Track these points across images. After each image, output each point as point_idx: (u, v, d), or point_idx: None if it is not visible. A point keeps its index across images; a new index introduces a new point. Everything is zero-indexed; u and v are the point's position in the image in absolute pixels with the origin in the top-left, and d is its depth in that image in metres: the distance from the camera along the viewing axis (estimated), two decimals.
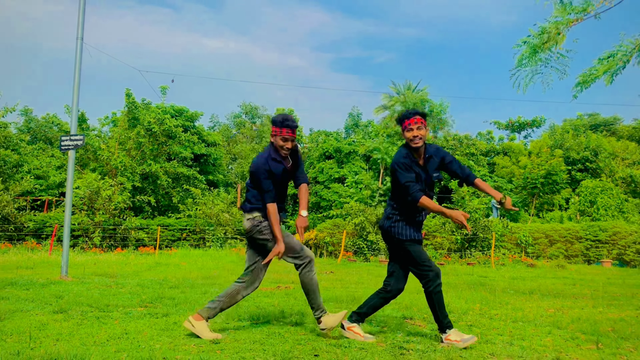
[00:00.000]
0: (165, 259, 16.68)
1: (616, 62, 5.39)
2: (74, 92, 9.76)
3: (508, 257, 19.45)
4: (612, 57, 5.34)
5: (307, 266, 4.52)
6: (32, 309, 5.53)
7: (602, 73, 5.42)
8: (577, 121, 45.84)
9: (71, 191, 9.69)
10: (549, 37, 5.43)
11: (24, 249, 18.29)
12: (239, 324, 5.04)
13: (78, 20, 9.87)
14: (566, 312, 6.33)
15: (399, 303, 6.75)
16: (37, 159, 30.78)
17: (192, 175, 29.76)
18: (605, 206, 26.53)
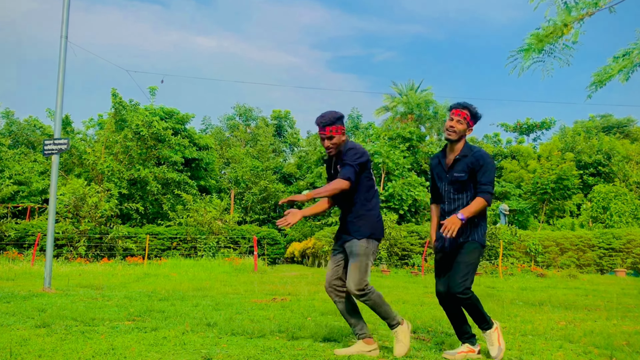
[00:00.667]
0: (154, 269, 16.65)
1: (632, 59, 5.40)
2: (58, 93, 9.76)
3: (517, 266, 19.44)
4: (627, 55, 5.36)
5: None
6: (13, 323, 5.51)
7: (617, 72, 5.44)
8: (589, 123, 45.94)
9: (55, 198, 9.68)
10: (555, 29, 5.45)
11: (4, 259, 18.24)
12: (232, 338, 5.03)
13: (62, 17, 9.88)
14: (578, 325, 6.33)
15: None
16: (19, 164, 30.73)
17: (183, 181, 29.76)
18: (618, 212, 26.55)
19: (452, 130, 4.37)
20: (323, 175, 35.91)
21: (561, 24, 5.39)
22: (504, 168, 38.20)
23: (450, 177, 4.42)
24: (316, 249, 24.00)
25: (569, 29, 5.38)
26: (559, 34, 5.48)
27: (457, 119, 4.37)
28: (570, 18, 5.34)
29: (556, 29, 5.41)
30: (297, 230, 33.16)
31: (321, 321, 6.11)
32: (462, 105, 4.42)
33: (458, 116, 4.38)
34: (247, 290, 10.27)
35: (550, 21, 5.49)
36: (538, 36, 5.54)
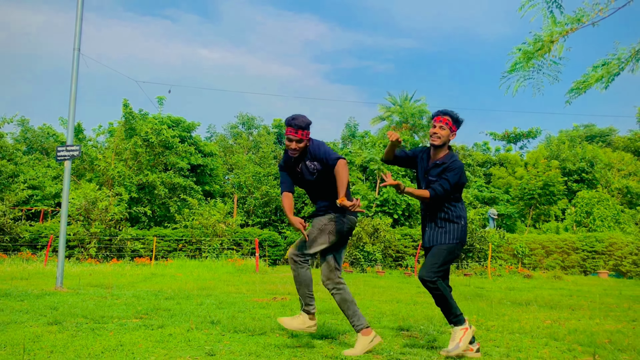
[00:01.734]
0: (161, 269, 16.62)
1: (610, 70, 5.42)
2: (71, 102, 9.76)
3: (505, 268, 19.42)
4: (606, 65, 5.38)
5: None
6: (27, 321, 5.50)
7: (595, 80, 5.46)
8: (573, 132, 46.05)
9: (67, 201, 9.67)
10: (542, 45, 5.47)
11: (19, 259, 18.18)
12: (235, 335, 5.01)
13: (75, 30, 9.89)
14: (563, 324, 6.32)
15: (396, 314, 6.75)
16: (33, 169, 30.68)
17: (189, 186, 29.72)
18: (601, 217, 26.58)
19: (436, 136, 4.46)
20: None
21: (547, 39, 5.41)
22: (493, 175, 38.22)
23: (428, 179, 4.50)
24: None
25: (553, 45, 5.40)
26: (546, 51, 5.51)
27: (440, 125, 4.45)
28: (555, 33, 5.36)
29: (543, 46, 5.43)
30: (296, 233, 33.10)
31: (319, 319, 6.10)
32: (443, 112, 4.49)
33: (440, 122, 4.46)
34: (249, 289, 10.25)
35: (535, 36, 5.51)
36: (526, 53, 5.55)
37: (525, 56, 5.62)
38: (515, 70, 5.71)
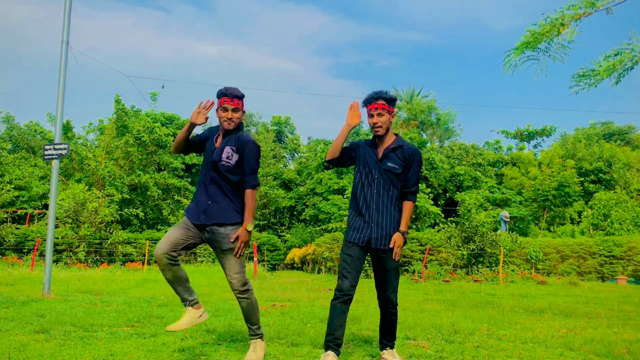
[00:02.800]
0: (154, 275, 16.62)
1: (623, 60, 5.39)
2: (59, 98, 9.77)
3: (517, 273, 19.40)
4: (618, 55, 5.34)
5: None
6: (12, 329, 5.51)
7: (605, 71, 5.42)
8: (590, 130, 45.99)
9: (55, 203, 9.68)
10: (552, 27, 5.44)
11: (4, 264, 18.22)
12: (232, 344, 5.02)
13: (63, 22, 9.90)
14: (579, 333, 6.32)
15: (402, 323, 6.74)
16: (19, 168, 30.74)
17: (183, 187, 29.78)
18: (619, 220, 26.53)
19: (377, 126, 4.31)
20: (324, 181, 35.92)
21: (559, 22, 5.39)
22: (505, 175, 38.19)
23: (384, 167, 4.29)
24: (316, 255, 23.97)
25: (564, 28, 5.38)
26: (556, 33, 5.49)
27: (377, 113, 4.30)
28: (567, 16, 5.34)
29: (553, 27, 5.41)
30: (297, 237, 33.14)
31: (321, 328, 6.10)
32: (375, 97, 4.32)
33: (376, 110, 4.31)
34: None
35: (547, 18, 5.49)
36: (534, 33, 5.53)
37: (533, 37, 5.59)
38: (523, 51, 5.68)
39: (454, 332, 6.03)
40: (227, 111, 4.25)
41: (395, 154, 4.32)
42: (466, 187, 34.69)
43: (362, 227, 4.28)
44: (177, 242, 4.14)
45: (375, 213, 4.27)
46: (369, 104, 4.34)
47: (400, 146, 4.34)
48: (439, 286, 15.13)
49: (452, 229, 21.28)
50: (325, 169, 37.08)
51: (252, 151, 4.26)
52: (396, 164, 4.28)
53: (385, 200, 4.27)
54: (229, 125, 4.26)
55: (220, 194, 4.24)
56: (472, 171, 35.45)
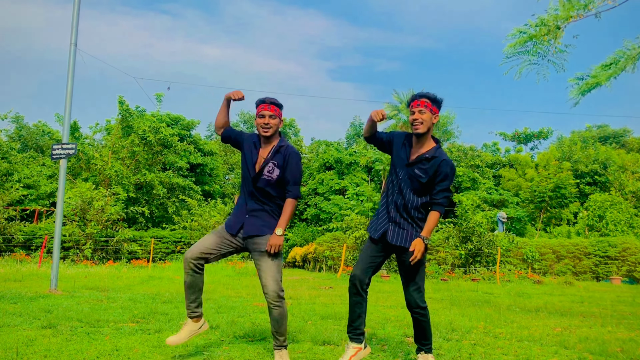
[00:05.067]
0: (158, 272, 16.64)
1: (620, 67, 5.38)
2: (67, 99, 9.78)
3: (514, 273, 19.40)
4: (614, 65, 5.33)
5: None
6: (20, 324, 5.51)
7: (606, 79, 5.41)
8: (586, 133, 45.96)
9: (62, 201, 9.69)
10: (548, 30, 5.42)
11: (12, 260, 18.23)
12: (234, 341, 5.02)
13: (72, 25, 9.91)
14: (573, 331, 6.31)
15: (400, 321, 6.75)
16: (28, 167, 30.79)
17: (188, 186, 29.79)
18: (614, 221, 26.52)
19: (418, 122, 4.09)
20: (325, 181, 35.91)
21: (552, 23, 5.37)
22: (502, 176, 38.17)
23: (411, 172, 4.14)
24: (317, 254, 23.96)
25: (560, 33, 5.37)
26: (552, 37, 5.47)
27: (419, 110, 4.09)
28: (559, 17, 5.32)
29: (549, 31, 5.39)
30: (298, 235, 33.15)
31: (321, 325, 6.11)
32: (419, 95, 4.15)
33: (418, 107, 4.10)
34: (249, 293, 10.26)
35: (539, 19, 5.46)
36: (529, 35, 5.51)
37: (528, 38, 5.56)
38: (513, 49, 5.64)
39: (451, 330, 6.03)
40: (264, 117, 4.23)
41: (427, 163, 4.11)
42: (464, 188, 34.68)
43: (381, 222, 4.23)
44: (209, 250, 4.15)
45: (394, 211, 4.17)
46: (413, 101, 4.16)
47: (434, 157, 4.11)
48: (437, 285, 15.13)
49: (450, 229, 21.27)
50: (327, 169, 37.08)
51: (296, 163, 4.25)
52: (424, 173, 4.11)
53: (406, 202, 4.14)
54: (266, 132, 4.23)
55: (259, 207, 4.25)
56: (470, 172, 35.44)
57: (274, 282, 4.15)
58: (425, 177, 4.09)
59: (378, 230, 4.22)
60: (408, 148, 4.22)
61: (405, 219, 4.16)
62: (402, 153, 4.23)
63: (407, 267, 4.12)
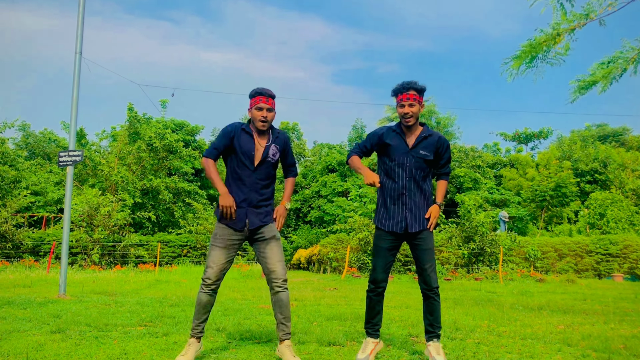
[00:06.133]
0: (165, 276, 16.66)
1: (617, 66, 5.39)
2: (73, 107, 9.80)
3: (516, 271, 19.35)
4: (612, 63, 5.35)
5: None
6: (30, 329, 5.52)
7: (602, 77, 5.42)
8: (585, 132, 45.86)
9: (69, 207, 9.70)
10: (547, 38, 5.45)
11: (21, 266, 18.26)
12: (241, 343, 5.02)
13: (77, 34, 9.94)
14: (576, 329, 6.30)
15: (405, 320, 6.74)
16: (35, 174, 30.86)
17: (193, 190, 29.82)
18: (615, 219, 26.43)
19: (409, 116, 4.24)
20: (328, 183, 35.89)
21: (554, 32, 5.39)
22: (504, 176, 38.09)
23: (416, 154, 4.27)
24: (321, 256, 23.94)
25: (561, 39, 5.38)
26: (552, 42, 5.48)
27: (409, 103, 4.23)
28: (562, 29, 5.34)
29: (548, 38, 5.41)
30: (303, 238, 33.13)
31: (326, 326, 6.10)
32: (407, 87, 4.25)
33: (408, 100, 4.23)
34: (255, 296, 10.26)
35: (542, 32, 5.50)
36: (531, 45, 5.54)
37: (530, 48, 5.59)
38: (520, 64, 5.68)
39: (455, 329, 6.02)
40: (262, 110, 4.20)
41: (427, 142, 4.32)
42: (466, 189, 34.61)
43: (397, 214, 4.29)
44: (225, 265, 4.20)
45: (408, 200, 4.28)
46: (400, 93, 4.27)
47: (430, 134, 4.34)
48: (440, 285, 15.04)
49: (453, 229, 21.24)
50: (330, 171, 37.06)
51: (290, 145, 4.43)
52: (428, 151, 4.29)
53: (417, 186, 4.28)
54: (264, 126, 4.22)
55: (260, 197, 4.26)
56: (471, 173, 35.37)
57: (281, 266, 4.19)
58: (431, 154, 4.30)
59: (399, 224, 4.29)
60: (402, 136, 4.34)
61: (419, 201, 4.29)
62: (399, 142, 4.33)
63: (422, 248, 4.28)
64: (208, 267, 4.17)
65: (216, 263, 4.17)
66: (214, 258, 4.18)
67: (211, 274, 4.15)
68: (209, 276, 4.14)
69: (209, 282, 4.14)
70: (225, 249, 4.19)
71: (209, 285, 4.15)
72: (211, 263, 4.18)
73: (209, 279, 4.14)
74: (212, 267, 4.16)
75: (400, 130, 4.37)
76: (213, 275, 4.14)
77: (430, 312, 4.33)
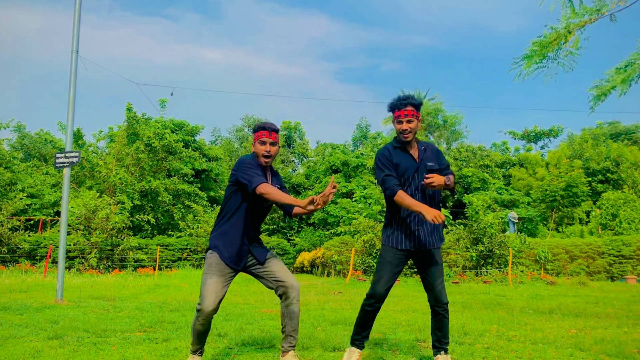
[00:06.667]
0: (165, 280, 16.68)
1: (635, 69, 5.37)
2: (69, 107, 9.82)
3: (526, 274, 19.32)
4: (630, 66, 5.33)
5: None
6: (26, 335, 5.53)
7: (621, 82, 5.40)
8: (597, 130, 45.76)
9: (66, 210, 9.73)
10: (558, 36, 5.43)
11: (17, 271, 18.31)
12: (243, 348, 5.03)
13: (73, 32, 9.96)
14: (589, 333, 6.28)
15: (411, 325, 6.73)
16: (31, 176, 30.93)
17: (193, 192, 29.84)
18: (628, 219, 26.35)
19: (408, 132, 4.23)
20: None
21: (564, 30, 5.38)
22: (513, 176, 38.05)
23: (424, 170, 4.27)
24: (325, 259, 23.94)
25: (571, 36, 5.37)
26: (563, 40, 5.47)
27: (407, 119, 4.22)
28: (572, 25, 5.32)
29: (559, 36, 5.40)
30: (306, 240, 33.12)
31: (331, 331, 6.10)
32: (404, 103, 4.23)
33: (406, 117, 4.22)
34: (257, 300, 10.26)
35: (552, 29, 5.48)
36: (541, 43, 5.52)
37: (540, 46, 5.58)
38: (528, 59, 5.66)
39: (464, 334, 6.01)
40: (265, 144, 4.21)
41: (428, 154, 4.37)
42: (474, 189, 34.60)
43: (410, 231, 4.28)
44: (223, 293, 4.07)
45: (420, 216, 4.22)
46: (398, 109, 4.25)
47: (426, 147, 4.43)
48: (448, 288, 15.06)
49: (461, 230, 21.22)
50: (333, 172, 37.06)
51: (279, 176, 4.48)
52: (433, 162, 4.33)
53: (428, 201, 4.28)
54: (267, 162, 4.23)
55: (257, 234, 4.32)
56: (479, 173, 35.36)
57: (292, 276, 4.23)
58: (436, 164, 4.33)
59: (411, 241, 4.29)
60: (406, 154, 4.34)
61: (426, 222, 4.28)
62: (406, 159, 4.32)
63: (432, 264, 4.28)
64: (205, 298, 3.95)
65: (214, 291, 3.99)
66: (212, 287, 4.00)
67: (209, 304, 3.94)
68: (207, 307, 3.94)
69: (206, 313, 3.95)
70: (222, 277, 4.08)
71: (207, 316, 3.97)
72: (209, 292, 3.98)
73: (206, 310, 3.94)
74: (210, 297, 3.96)
75: (402, 146, 4.36)
76: (211, 305, 3.94)
77: (440, 328, 4.31)
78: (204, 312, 3.93)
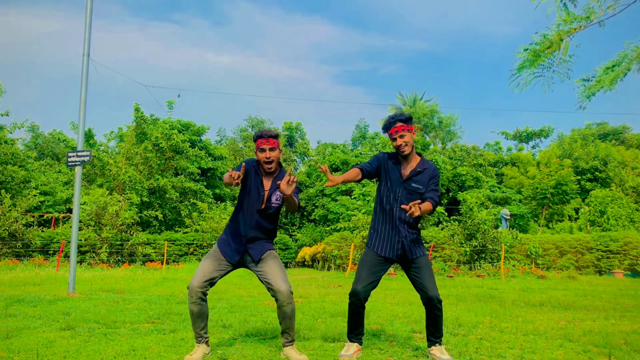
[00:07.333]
0: (172, 274, 16.67)
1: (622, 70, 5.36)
2: (81, 108, 9.82)
3: (518, 268, 19.32)
4: (617, 66, 5.31)
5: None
6: (40, 326, 5.54)
7: (610, 82, 5.38)
8: (586, 130, 45.69)
9: (78, 207, 9.72)
10: (551, 44, 5.41)
11: (31, 265, 18.32)
12: (247, 339, 5.03)
13: (84, 36, 9.96)
14: (577, 325, 6.28)
15: (408, 317, 6.73)
16: (44, 175, 30.93)
17: (199, 190, 29.83)
18: (615, 216, 26.34)
19: (403, 146, 4.32)
20: None
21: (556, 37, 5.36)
22: (505, 174, 38.01)
23: (408, 187, 4.33)
24: (326, 254, 23.95)
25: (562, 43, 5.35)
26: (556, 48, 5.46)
27: (399, 135, 4.32)
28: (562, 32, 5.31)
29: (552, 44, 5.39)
30: (307, 236, 33.13)
31: (331, 322, 6.10)
32: (393, 121, 4.35)
33: (397, 133, 4.33)
34: (261, 293, 10.26)
35: (543, 36, 5.47)
36: (535, 52, 5.51)
37: (533, 54, 5.56)
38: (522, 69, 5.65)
39: (458, 326, 6.01)
40: (264, 151, 4.23)
41: (421, 176, 4.36)
42: (468, 187, 34.57)
43: (392, 241, 4.34)
44: (212, 275, 4.12)
45: (403, 227, 4.32)
46: (389, 129, 4.37)
47: (425, 169, 4.39)
48: (443, 281, 15.08)
49: (455, 226, 21.22)
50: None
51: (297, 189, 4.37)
52: (421, 184, 4.34)
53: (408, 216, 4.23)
54: (270, 167, 4.26)
55: (260, 235, 4.29)
56: (473, 171, 35.32)
57: (283, 282, 4.14)
58: (423, 188, 4.34)
59: (393, 250, 4.33)
60: (399, 166, 4.41)
61: (413, 230, 4.36)
62: (395, 172, 4.40)
63: (420, 268, 4.29)
64: (194, 276, 4.08)
65: (203, 271, 4.10)
66: (202, 267, 4.13)
67: (194, 280, 4.04)
68: (192, 282, 4.04)
69: (190, 288, 4.03)
70: (214, 261, 4.17)
71: (195, 292, 4.03)
72: (198, 270, 4.12)
73: (191, 285, 4.04)
74: (198, 274, 4.07)
75: (397, 160, 4.44)
76: (196, 282, 4.03)
77: (433, 323, 4.33)
78: (190, 288, 4.03)
